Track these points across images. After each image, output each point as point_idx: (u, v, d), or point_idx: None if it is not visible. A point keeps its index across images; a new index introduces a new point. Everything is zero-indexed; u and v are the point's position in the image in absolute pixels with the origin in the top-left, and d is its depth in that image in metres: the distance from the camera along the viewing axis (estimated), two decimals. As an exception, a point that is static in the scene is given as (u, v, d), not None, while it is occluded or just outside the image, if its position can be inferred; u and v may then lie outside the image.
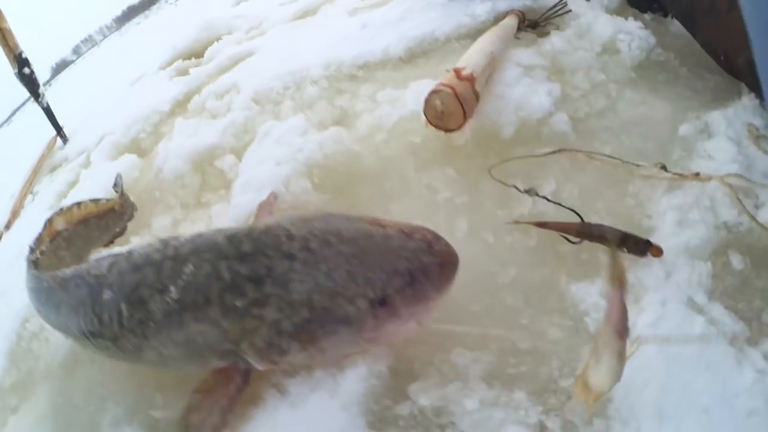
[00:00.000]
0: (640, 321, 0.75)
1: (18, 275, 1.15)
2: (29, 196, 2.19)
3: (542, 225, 0.89)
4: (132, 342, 0.80)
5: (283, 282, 0.69)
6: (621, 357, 0.58)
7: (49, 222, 1.29)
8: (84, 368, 1.04)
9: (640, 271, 0.82)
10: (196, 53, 2.53)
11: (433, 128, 1.08)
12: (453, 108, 1.01)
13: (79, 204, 1.35)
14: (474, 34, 1.69)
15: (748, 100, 1.19)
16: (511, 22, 1.54)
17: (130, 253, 0.87)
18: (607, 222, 0.88)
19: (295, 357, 0.70)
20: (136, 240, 1.40)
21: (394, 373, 0.71)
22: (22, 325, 1.26)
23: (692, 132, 1.12)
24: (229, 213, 1.21)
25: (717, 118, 1.15)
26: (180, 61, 2.54)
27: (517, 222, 0.91)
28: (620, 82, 1.32)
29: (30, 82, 2.13)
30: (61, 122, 2.31)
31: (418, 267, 0.68)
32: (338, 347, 0.70)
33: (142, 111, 2.05)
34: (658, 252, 0.83)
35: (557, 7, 1.61)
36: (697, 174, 0.98)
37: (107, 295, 0.82)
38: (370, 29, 1.89)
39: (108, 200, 1.43)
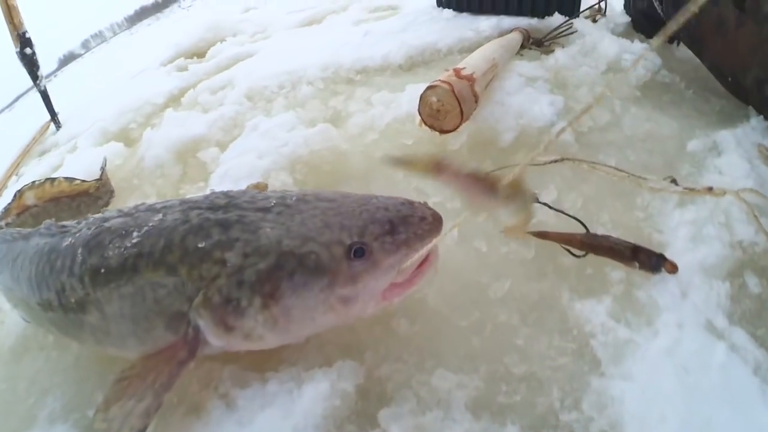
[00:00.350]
0: (654, 345, 0.63)
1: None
2: (14, 177, 2.09)
3: (542, 235, 0.77)
4: (77, 295, 0.71)
5: (253, 228, 0.62)
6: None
7: (20, 194, 1.21)
8: (32, 355, 0.94)
9: (653, 288, 0.70)
10: (199, 53, 2.49)
11: (427, 128, 0.97)
12: (450, 106, 0.91)
13: (52, 180, 1.29)
14: (476, 48, 1.62)
15: (756, 122, 1.11)
16: (516, 36, 1.47)
17: (104, 211, 0.82)
18: (614, 235, 0.77)
19: (254, 321, 0.59)
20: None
21: (362, 393, 0.58)
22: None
23: (701, 148, 1.03)
24: None
25: (726, 136, 1.06)
26: (182, 59, 2.49)
27: (512, 231, 0.79)
28: (625, 99, 1.24)
29: (30, 63, 2.06)
30: (58, 111, 2.26)
31: (398, 216, 0.61)
32: (306, 306, 0.58)
33: (135, 102, 1.98)
34: (673, 268, 0.72)
35: (563, 28, 1.54)
36: (710, 188, 0.88)
37: (67, 242, 0.74)
38: (372, 37, 1.83)
39: (84, 182, 1.35)
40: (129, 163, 1.54)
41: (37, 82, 2.08)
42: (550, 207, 0.81)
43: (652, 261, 0.71)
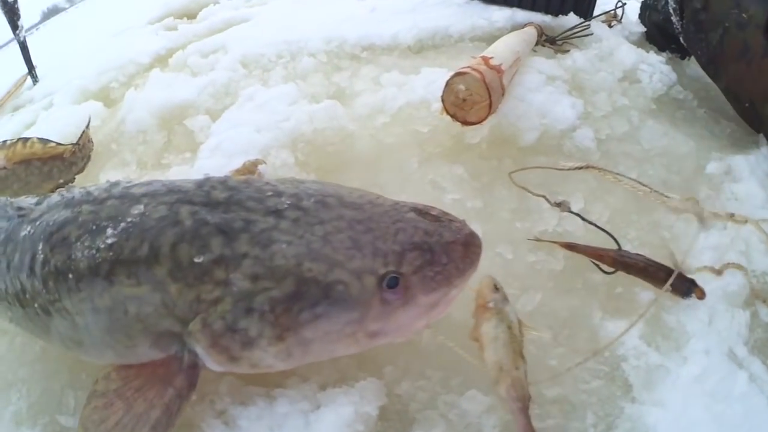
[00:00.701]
0: (684, 372, 0.61)
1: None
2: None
3: (571, 247, 0.74)
4: (40, 300, 0.60)
5: (265, 241, 0.51)
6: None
7: None
8: None
9: (681, 313, 0.69)
10: (190, 13, 2.33)
11: (448, 117, 0.91)
12: (478, 97, 0.85)
13: (25, 141, 1.20)
14: (488, 38, 1.57)
15: (767, 150, 1.12)
16: (532, 31, 1.43)
17: (69, 189, 0.70)
18: (641, 253, 0.74)
19: (264, 352, 0.51)
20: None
21: (382, 413, 0.51)
22: None
23: (719, 172, 1.03)
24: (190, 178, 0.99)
25: (740, 162, 1.07)
26: (171, 18, 2.33)
27: (540, 240, 0.76)
28: (642, 111, 1.22)
29: (11, 11, 1.93)
30: (36, 65, 2.13)
31: (439, 243, 0.51)
32: (328, 340, 0.50)
33: (119, 60, 1.84)
34: (701, 294, 0.70)
35: (579, 29, 1.51)
36: (732, 215, 0.87)
37: (25, 231, 0.64)
38: (379, 13, 1.73)
39: (59, 145, 1.25)
40: (107, 125, 1.42)
41: (17, 32, 1.98)
42: (582, 219, 0.77)
43: (684, 286, 0.69)
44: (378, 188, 0.92)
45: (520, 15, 1.62)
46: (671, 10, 1.27)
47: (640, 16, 1.61)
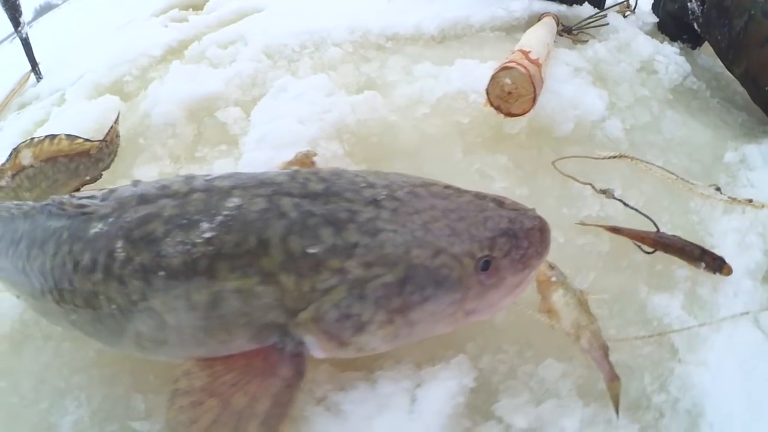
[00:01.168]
0: (719, 337, 0.72)
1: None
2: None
3: (616, 230, 0.84)
4: (119, 300, 0.59)
5: (372, 231, 0.55)
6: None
7: (16, 152, 1.12)
8: (35, 347, 0.83)
9: (712, 287, 0.79)
10: (195, 4, 2.34)
11: (489, 109, 1.00)
12: (524, 90, 0.94)
13: (52, 137, 1.18)
14: (507, 28, 1.66)
15: (776, 140, 1.23)
16: (552, 22, 1.51)
17: (134, 183, 0.70)
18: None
19: (373, 336, 0.56)
20: (108, 189, 1.22)
21: (475, 387, 0.60)
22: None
23: (735, 161, 1.14)
24: (239, 170, 1.05)
25: (753, 151, 1.18)
26: (176, 10, 2.33)
27: (587, 224, 0.85)
28: (660, 101, 1.32)
29: (12, 8, 1.91)
30: (38, 61, 2.13)
31: (522, 229, 0.59)
32: (433, 320, 0.57)
33: (129, 53, 1.85)
34: (728, 271, 0.81)
35: (595, 19, 1.60)
36: (750, 200, 0.98)
37: (95, 229, 0.62)
38: (397, 3, 1.78)
39: (86, 141, 1.25)
40: (129, 119, 1.44)
41: (19, 29, 1.96)
42: (625, 204, 0.87)
43: (716, 263, 0.80)
44: (428, 176, 1.02)
45: (537, 5, 1.70)
46: None
47: (653, 6, 1.70)
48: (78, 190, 1.24)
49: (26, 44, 2.05)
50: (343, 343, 0.56)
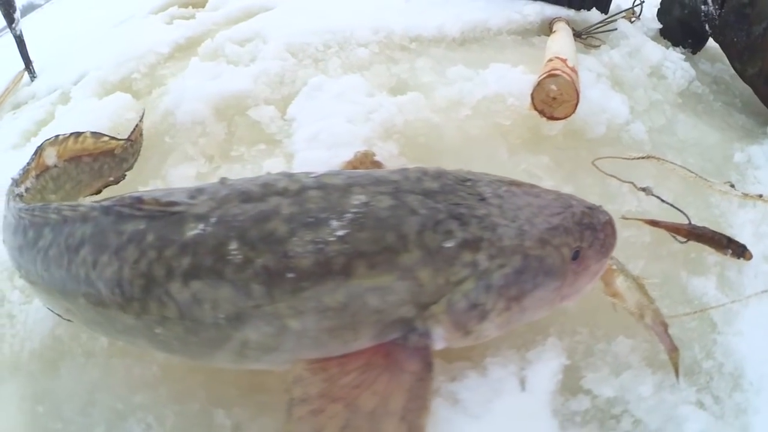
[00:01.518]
0: (747, 312, 0.90)
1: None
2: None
3: (654, 223, 1.01)
4: (231, 308, 0.59)
5: (491, 225, 0.64)
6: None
7: (40, 151, 1.13)
8: (75, 364, 0.85)
9: (737, 271, 0.98)
10: (195, 2, 2.41)
11: (535, 112, 1.15)
12: (567, 96, 1.10)
13: (77, 135, 1.20)
14: (522, 32, 1.83)
15: (776, 139, 1.46)
16: (570, 30, 1.69)
17: (222, 181, 0.70)
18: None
19: (492, 323, 0.65)
20: (142, 190, 1.29)
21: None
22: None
23: (743, 160, 1.34)
24: (296, 169, 1.15)
25: (757, 151, 1.39)
26: (176, 7, 2.41)
27: (628, 218, 1.02)
28: (672, 105, 1.53)
29: (6, 3, 1.95)
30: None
31: (599, 223, 0.73)
32: (539, 306, 0.70)
33: (135, 50, 1.92)
34: (749, 256, 1.00)
35: (605, 24, 1.79)
36: (760, 195, 1.18)
37: (196, 230, 0.61)
38: (415, 4, 1.92)
39: (112, 139, 1.27)
40: (148, 117, 1.51)
41: (13, 25, 2.00)
42: (662, 200, 1.05)
43: (739, 250, 0.99)
44: (474, 176, 1.16)
45: (549, 9, 1.89)
46: (710, 1, 1.57)
47: (659, 12, 1.92)
48: (100, 192, 1.29)
49: (20, 42, 2.08)
50: (467, 332, 0.64)
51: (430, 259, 0.60)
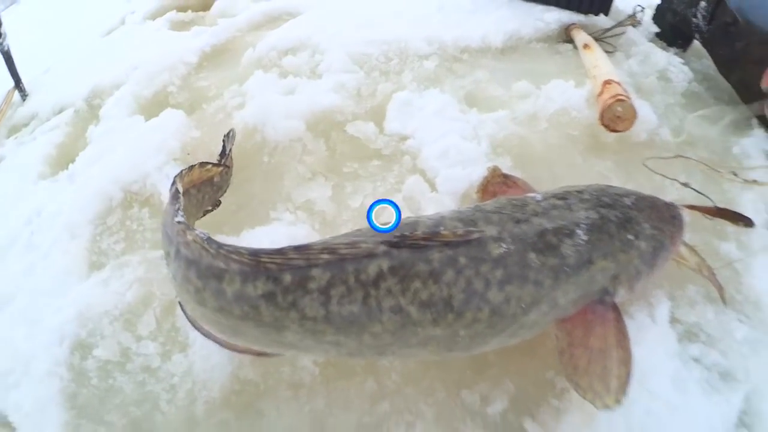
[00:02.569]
0: (757, 262, 1.67)
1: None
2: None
3: (691, 207, 1.76)
4: (530, 299, 1.08)
5: (637, 223, 1.36)
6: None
7: (177, 190, 1.25)
8: (278, 398, 1.23)
9: (747, 235, 1.76)
10: (194, 5, 2.79)
11: (603, 127, 1.86)
12: (628, 115, 1.83)
13: (191, 167, 1.40)
14: (545, 39, 2.57)
15: (759, 133, 2.30)
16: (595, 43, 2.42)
17: (477, 208, 1.24)
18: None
19: (642, 284, 1.34)
20: (275, 215, 1.75)
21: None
22: (71, 351, 1.42)
23: (740, 153, 2.15)
24: (440, 187, 1.75)
25: (747, 142, 2.22)
26: (174, 12, 2.77)
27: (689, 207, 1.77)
28: (679, 106, 2.32)
29: None
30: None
31: (678, 214, 1.49)
32: (661, 270, 1.42)
33: (159, 61, 2.29)
34: (753, 224, 1.79)
35: (616, 30, 2.55)
36: (755, 180, 2.00)
37: (501, 249, 1.07)
38: (446, 13, 2.55)
39: (213, 166, 1.49)
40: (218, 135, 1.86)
41: (0, 40, 2.25)
42: (698, 192, 1.81)
43: (748, 222, 1.77)
44: (560, 179, 1.85)
45: (566, 16, 2.61)
46: (699, 17, 2.37)
47: (654, 17, 2.72)
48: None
49: (8, 58, 2.33)
50: (632, 290, 1.26)
51: (624, 247, 1.24)
